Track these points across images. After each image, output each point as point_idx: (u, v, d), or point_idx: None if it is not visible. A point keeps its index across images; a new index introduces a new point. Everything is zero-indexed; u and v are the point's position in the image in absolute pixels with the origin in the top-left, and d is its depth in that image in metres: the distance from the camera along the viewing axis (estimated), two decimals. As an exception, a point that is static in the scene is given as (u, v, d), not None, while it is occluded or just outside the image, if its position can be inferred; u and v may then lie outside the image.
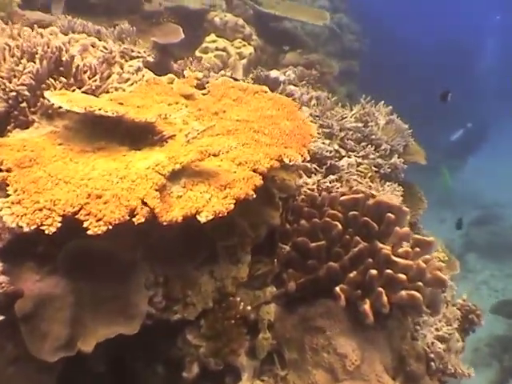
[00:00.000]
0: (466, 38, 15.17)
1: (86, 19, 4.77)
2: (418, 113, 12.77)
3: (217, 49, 4.74)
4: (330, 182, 3.00)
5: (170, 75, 2.73)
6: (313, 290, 2.36)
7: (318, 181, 2.96)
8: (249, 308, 2.19)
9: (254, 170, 1.98)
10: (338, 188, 2.94)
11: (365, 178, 3.73)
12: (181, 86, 2.46)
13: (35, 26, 2.63)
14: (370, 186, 3.30)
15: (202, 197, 1.73)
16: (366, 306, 2.20)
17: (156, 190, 1.66)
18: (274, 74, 4.18)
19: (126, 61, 3.29)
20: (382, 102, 4.35)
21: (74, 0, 4.86)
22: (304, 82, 5.37)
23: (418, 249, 2.40)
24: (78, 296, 1.75)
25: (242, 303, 2.15)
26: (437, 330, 2.95)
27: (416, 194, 4.32)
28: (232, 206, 1.72)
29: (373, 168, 3.87)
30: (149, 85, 2.44)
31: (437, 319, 2.99)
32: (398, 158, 4.01)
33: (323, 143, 3.67)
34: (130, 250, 1.87)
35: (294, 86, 4.45)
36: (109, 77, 2.51)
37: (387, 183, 3.74)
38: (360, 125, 4.09)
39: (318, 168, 3.23)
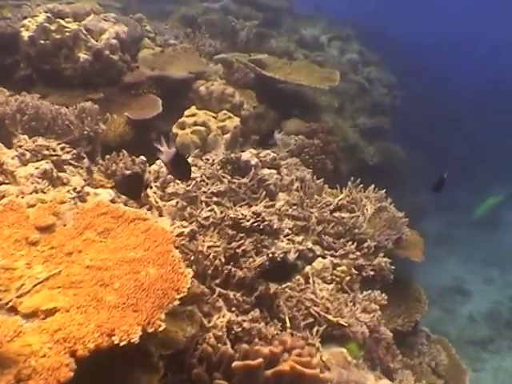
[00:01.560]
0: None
1: (60, 93, 4.38)
2: (467, 163, 11.90)
3: (195, 124, 4.21)
4: (252, 321, 2.35)
5: (42, 198, 2.17)
6: None
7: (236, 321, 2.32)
8: None
9: (73, 352, 1.41)
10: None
11: (341, 284, 3.09)
12: (39, 214, 1.92)
13: None
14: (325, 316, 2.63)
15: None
16: None
17: None
18: (245, 156, 3.61)
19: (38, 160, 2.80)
20: (372, 186, 3.70)
21: (48, 72, 4.45)
22: (303, 155, 4.80)
23: None
24: None
25: None
26: None
27: (413, 294, 3.60)
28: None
29: (353, 270, 3.20)
30: (2, 212, 1.91)
31: None
32: (385, 256, 3.32)
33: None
34: None
35: (274, 168, 3.85)
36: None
37: (365, 293, 3.07)
38: (344, 215, 3.45)
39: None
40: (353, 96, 7.86)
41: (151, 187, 2.92)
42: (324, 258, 3.24)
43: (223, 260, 2.43)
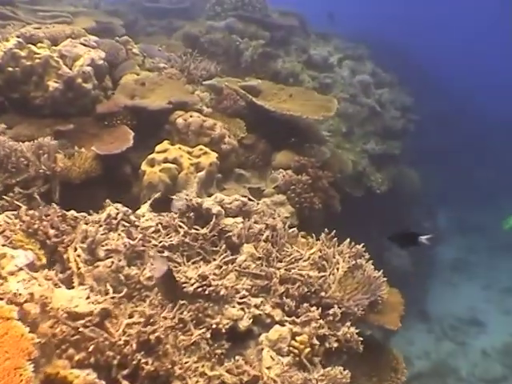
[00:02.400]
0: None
1: (29, 122, 4.09)
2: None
3: (165, 160, 3.87)
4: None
5: None
6: None
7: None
8: None
9: None
10: None
11: (299, 356, 2.71)
12: None
13: None
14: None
15: None
16: None
17: None
18: (207, 203, 3.24)
19: None
20: (348, 240, 3.29)
21: (18, 100, 4.17)
22: (289, 192, 4.42)
23: None
24: None
25: None
26: None
27: (389, 364, 3.17)
28: None
29: (314, 341, 2.81)
30: None
31: None
32: (352, 325, 2.92)
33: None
34: None
35: (243, 215, 3.48)
36: None
37: (325, 370, 2.68)
38: (312, 273, 3.06)
39: None
40: (363, 119, 7.44)
41: (75, 249, 2.57)
42: (283, 325, 2.85)
43: (134, 347, 2.06)
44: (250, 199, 4.14)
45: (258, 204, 3.66)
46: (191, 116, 4.31)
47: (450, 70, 13.20)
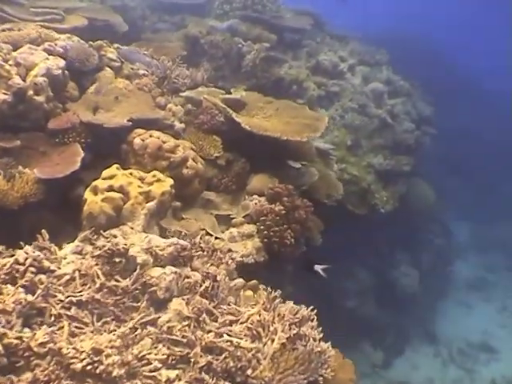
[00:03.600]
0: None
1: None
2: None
3: (110, 188, 3.42)
4: None
5: None
6: None
7: None
8: None
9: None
10: None
11: None
12: None
13: None
14: None
15: None
16: None
17: None
18: (133, 250, 2.79)
19: None
20: (291, 303, 2.80)
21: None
22: (259, 224, 3.95)
23: None
24: None
25: None
26: None
27: None
28: None
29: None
30: None
31: None
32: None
33: None
34: None
35: (182, 260, 3.02)
36: None
37: None
38: (244, 343, 2.59)
39: None
40: (371, 132, 6.87)
41: None
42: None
43: None
44: (208, 233, 3.70)
45: (213, 240, 3.22)
46: (151, 136, 3.84)
47: (482, 73, 12.32)
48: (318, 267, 2.89)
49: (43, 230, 3.19)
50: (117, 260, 2.87)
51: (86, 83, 4.51)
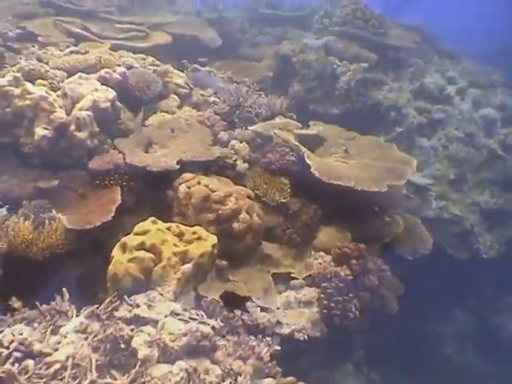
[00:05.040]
0: None
1: (12, 173, 3.41)
2: None
3: (141, 247, 2.95)
4: None
5: None
6: None
7: None
8: None
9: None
10: None
11: None
12: None
13: None
14: None
15: None
16: None
17: None
18: (135, 341, 2.29)
19: None
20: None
21: (9, 145, 3.49)
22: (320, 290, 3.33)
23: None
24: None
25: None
26: None
27: None
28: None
29: None
30: None
31: None
32: None
33: None
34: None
35: (206, 345, 2.48)
36: None
37: None
38: None
39: None
40: (478, 165, 5.92)
41: None
42: None
43: None
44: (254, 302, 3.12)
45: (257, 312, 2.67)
46: (198, 183, 3.32)
47: None
48: None
49: (64, 289, 2.82)
50: (122, 346, 2.37)
51: (146, 113, 4.09)
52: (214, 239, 3.12)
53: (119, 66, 4.07)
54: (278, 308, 3.32)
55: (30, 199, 3.31)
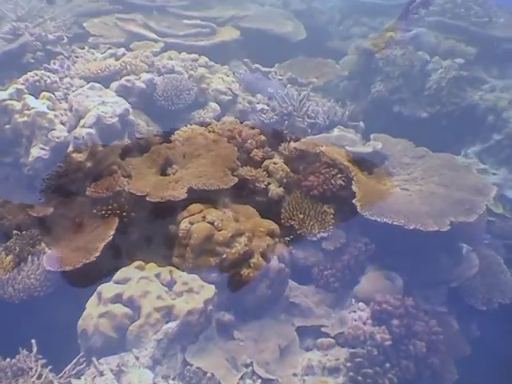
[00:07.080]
0: None
1: (6, 198, 3.06)
2: None
3: (117, 299, 2.42)
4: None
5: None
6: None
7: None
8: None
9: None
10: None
11: None
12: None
13: None
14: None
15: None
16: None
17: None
18: None
19: None
20: None
21: (9, 166, 3.12)
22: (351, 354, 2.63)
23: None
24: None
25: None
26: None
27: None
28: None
29: None
30: None
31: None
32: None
33: None
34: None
35: None
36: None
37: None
38: None
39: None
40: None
41: None
42: None
43: None
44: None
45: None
46: (203, 218, 2.70)
47: None
48: None
49: (33, 341, 2.39)
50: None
51: (175, 124, 3.53)
52: (210, 292, 2.49)
53: (148, 72, 3.51)
54: (294, 375, 2.63)
55: (21, 228, 2.87)
